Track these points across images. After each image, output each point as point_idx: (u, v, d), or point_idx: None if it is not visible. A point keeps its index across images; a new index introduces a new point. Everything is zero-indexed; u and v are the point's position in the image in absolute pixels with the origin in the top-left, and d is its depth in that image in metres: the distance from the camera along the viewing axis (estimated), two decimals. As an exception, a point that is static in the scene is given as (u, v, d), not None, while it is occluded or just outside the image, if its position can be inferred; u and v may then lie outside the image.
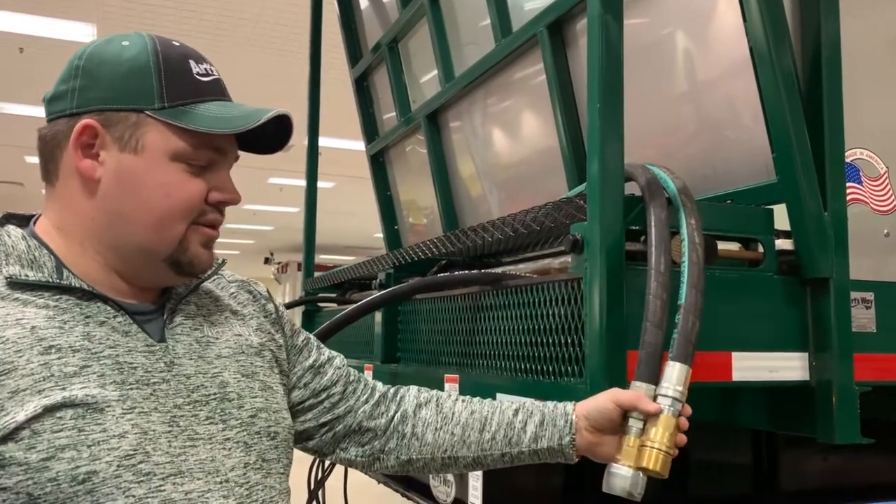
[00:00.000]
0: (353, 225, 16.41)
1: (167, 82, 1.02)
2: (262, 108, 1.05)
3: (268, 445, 1.07)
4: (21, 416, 0.86)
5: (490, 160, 2.57)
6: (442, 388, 1.74)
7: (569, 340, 1.29)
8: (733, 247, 1.43)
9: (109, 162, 1.00)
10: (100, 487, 0.88)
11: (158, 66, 1.02)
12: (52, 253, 1.00)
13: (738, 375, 1.33)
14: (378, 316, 2.07)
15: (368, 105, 3.42)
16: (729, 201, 1.52)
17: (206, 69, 1.07)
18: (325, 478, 2.06)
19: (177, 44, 1.08)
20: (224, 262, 1.18)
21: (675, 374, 1.06)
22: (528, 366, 1.45)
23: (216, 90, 1.07)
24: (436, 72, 2.79)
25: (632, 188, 1.29)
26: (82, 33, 6.86)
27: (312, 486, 2.05)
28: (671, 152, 1.80)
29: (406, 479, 1.97)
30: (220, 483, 0.98)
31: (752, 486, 1.98)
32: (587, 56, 1.24)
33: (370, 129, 3.41)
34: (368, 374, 2.22)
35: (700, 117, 1.74)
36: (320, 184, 12.07)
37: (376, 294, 1.73)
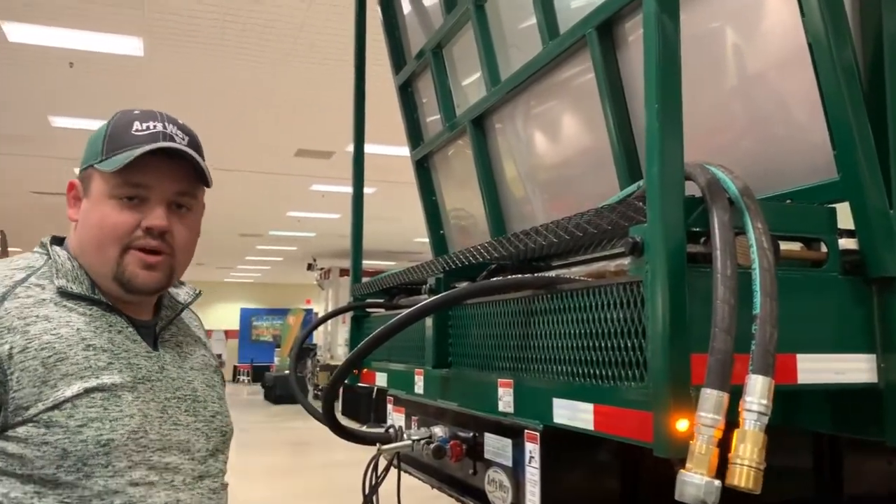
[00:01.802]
0: (394, 230, 16.49)
1: (108, 141, 1.32)
2: (169, 147, 1.32)
3: (220, 439, 1.45)
4: (68, 393, 1.20)
5: (537, 163, 2.56)
6: (496, 394, 1.74)
7: (628, 344, 1.27)
8: (794, 247, 1.41)
9: (82, 208, 1.35)
10: (113, 451, 1.22)
11: (107, 132, 1.34)
12: (86, 273, 1.34)
13: (803, 378, 1.30)
14: (428, 321, 2.07)
15: (413, 111, 3.43)
16: (788, 201, 1.49)
17: (148, 126, 1.34)
18: (379, 482, 2.06)
19: (137, 112, 1.37)
20: (200, 293, 1.57)
21: (758, 388, 1.04)
22: (584, 370, 1.43)
23: (150, 139, 1.32)
24: (479, 76, 2.79)
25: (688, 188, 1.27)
26: (130, 47, 7.02)
27: (367, 490, 2.05)
28: (723, 151, 1.77)
29: (461, 484, 1.97)
30: (189, 459, 1.34)
31: (815, 489, 1.93)
32: (644, 56, 1.23)
33: (415, 134, 3.42)
34: (419, 379, 2.24)
35: (752, 114, 1.72)
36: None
37: (429, 298, 1.73)
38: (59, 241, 1.42)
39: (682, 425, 1.12)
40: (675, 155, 1.19)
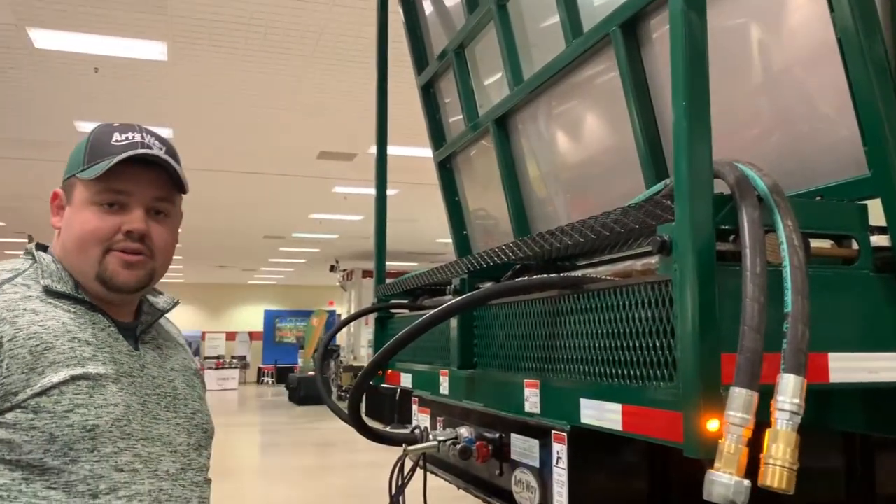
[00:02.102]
0: (415, 231, 16.51)
1: (89, 152, 1.41)
2: (146, 154, 1.40)
3: (202, 436, 1.52)
4: (55, 379, 1.25)
5: (560, 162, 2.55)
6: (522, 395, 1.73)
7: (656, 344, 1.26)
8: (824, 244, 1.39)
9: (65, 215, 1.44)
10: (98, 437, 1.27)
11: (88, 143, 1.42)
12: (70, 274, 1.41)
13: (835, 377, 1.28)
14: (453, 321, 2.07)
15: (435, 111, 3.43)
16: (818, 198, 1.47)
17: (126, 136, 1.41)
18: (405, 483, 2.07)
19: (116, 125, 1.45)
20: (178, 302, 1.65)
21: (790, 387, 1.03)
22: (612, 370, 1.42)
23: (128, 148, 1.39)
24: (502, 75, 2.78)
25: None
26: (155, 52, 7.08)
27: (394, 491, 2.06)
28: (750, 147, 1.76)
29: (487, 485, 1.97)
30: (171, 451, 1.40)
31: (846, 490, 1.90)
32: (671, 53, 1.22)
33: (437, 135, 3.42)
34: (444, 380, 2.23)
35: (780, 111, 1.70)
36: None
37: (455, 299, 1.72)
38: (43, 248, 1.49)
39: (712, 425, 1.10)
40: (704, 152, 1.18)
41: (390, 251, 3.31)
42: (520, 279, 1.84)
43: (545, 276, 1.69)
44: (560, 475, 1.59)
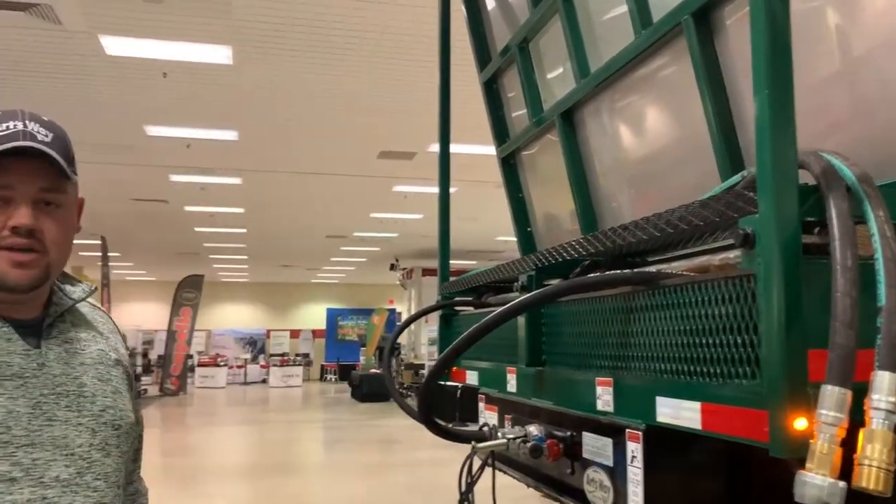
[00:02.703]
0: (474, 229, 16.51)
1: None
2: (26, 147, 1.31)
3: (112, 433, 1.42)
4: None
5: (628, 156, 2.50)
6: (593, 393, 1.70)
7: (738, 341, 1.23)
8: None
9: None
10: None
11: None
12: None
13: (931, 374, 1.22)
14: (521, 318, 2.05)
15: (498, 108, 3.41)
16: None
17: (8, 126, 1.32)
18: (475, 480, 2.06)
19: (10, 111, 1.36)
20: (95, 289, 1.56)
21: (885, 385, 0.99)
22: (690, 367, 1.39)
23: (8, 139, 1.31)
24: (565, 70, 2.75)
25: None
26: (219, 55, 7.25)
27: (463, 489, 2.05)
28: (832, 136, 1.69)
29: (557, 483, 1.94)
30: (66, 455, 1.32)
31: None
32: (751, 40, 1.18)
33: (500, 131, 3.40)
34: (511, 378, 2.22)
35: (857, 98, 1.63)
36: (444, 189, 11.77)
37: (525, 295, 1.71)
38: None
39: (800, 424, 1.07)
40: (788, 142, 1.14)
41: (451, 249, 3.30)
42: (594, 275, 1.81)
43: (619, 272, 1.66)
44: (635, 474, 1.56)
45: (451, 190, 3.40)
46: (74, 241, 1.47)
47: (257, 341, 32.77)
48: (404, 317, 24.97)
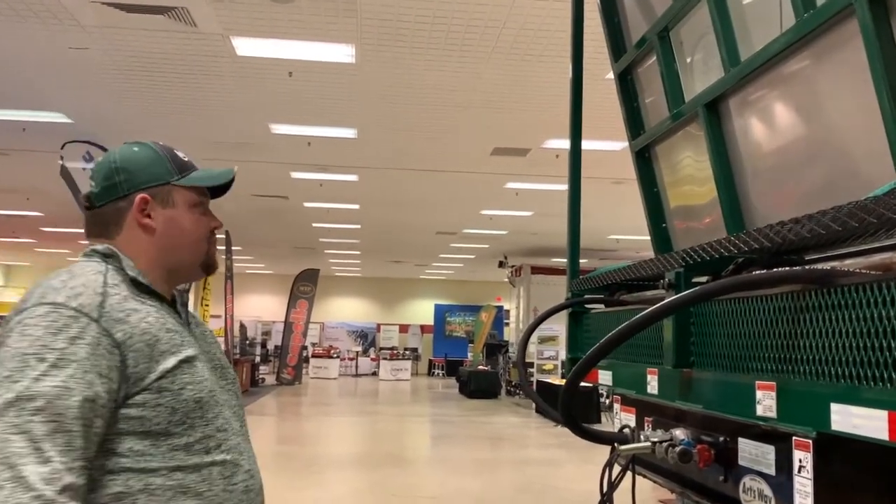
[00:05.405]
0: (587, 226, 16.19)
1: (173, 164, 1.69)
2: (224, 170, 1.75)
3: (237, 403, 1.72)
4: (169, 365, 1.51)
5: (781, 150, 2.37)
6: (752, 397, 1.61)
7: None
8: None
9: (158, 216, 1.66)
10: (203, 406, 1.54)
11: (165, 156, 1.70)
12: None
13: None
14: (668, 318, 1.96)
15: (632, 100, 3.31)
16: None
17: (182, 155, 1.73)
18: (616, 483, 2.00)
19: (161, 144, 1.74)
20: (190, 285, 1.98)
21: None
22: (874, 372, 1.28)
23: (193, 165, 1.74)
24: (705, 60, 2.63)
25: None
26: (343, 54, 7.40)
27: (605, 489, 2.00)
28: None
29: (707, 490, 1.85)
30: (233, 413, 1.66)
31: None
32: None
33: (635, 124, 3.30)
34: (652, 379, 2.14)
35: None
36: (555, 186, 12.03)
37: (684, 293, 1.62)
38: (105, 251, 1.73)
39: None
40: None
41: (560, 247, 3.23)
42: (759, 272, 1.70)
43: (788, 269, 1.55)
44: (803, 485, 1.46)
45: (562, 187, 3.32)
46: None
47: (368, 334, 33.52)
48: (512, 315, 24.87)
